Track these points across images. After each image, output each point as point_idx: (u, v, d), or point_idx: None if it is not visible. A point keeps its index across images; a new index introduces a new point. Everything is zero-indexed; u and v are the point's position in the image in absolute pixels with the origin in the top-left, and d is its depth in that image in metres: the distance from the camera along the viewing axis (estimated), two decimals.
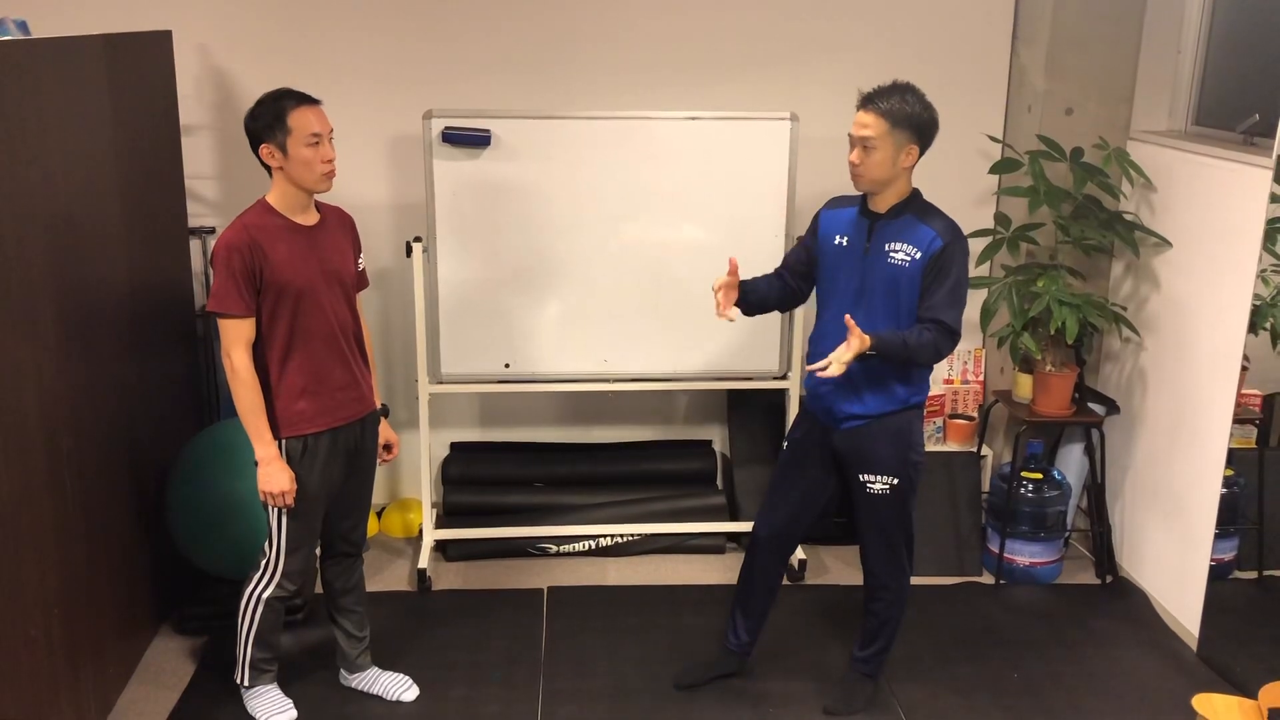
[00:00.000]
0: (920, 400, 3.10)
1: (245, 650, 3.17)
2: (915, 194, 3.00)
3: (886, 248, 2.96)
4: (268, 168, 2.92)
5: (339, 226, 3.07)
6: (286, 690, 3.30)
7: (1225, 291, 3.58)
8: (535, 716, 3.28)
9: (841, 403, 3.08)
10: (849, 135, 2.94)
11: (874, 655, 3.33)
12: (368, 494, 3.26)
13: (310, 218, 2.98)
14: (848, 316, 2.89)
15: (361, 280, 3.17)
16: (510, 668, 3.52)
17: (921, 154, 2.95)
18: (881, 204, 2.99)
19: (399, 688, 3.36)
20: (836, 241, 3.08)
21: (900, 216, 2.97)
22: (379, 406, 3.24)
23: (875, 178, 2.93)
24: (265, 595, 3.09)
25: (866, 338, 2.85)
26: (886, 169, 2.91)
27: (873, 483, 3.10)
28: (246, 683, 3.21)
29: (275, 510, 3.00)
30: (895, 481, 3.09)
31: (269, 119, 2.85)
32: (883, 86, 2.91)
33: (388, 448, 3.31)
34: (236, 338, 2.87)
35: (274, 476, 2.93)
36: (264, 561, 3.08)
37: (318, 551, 3.25)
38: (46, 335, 2.85)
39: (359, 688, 3.37)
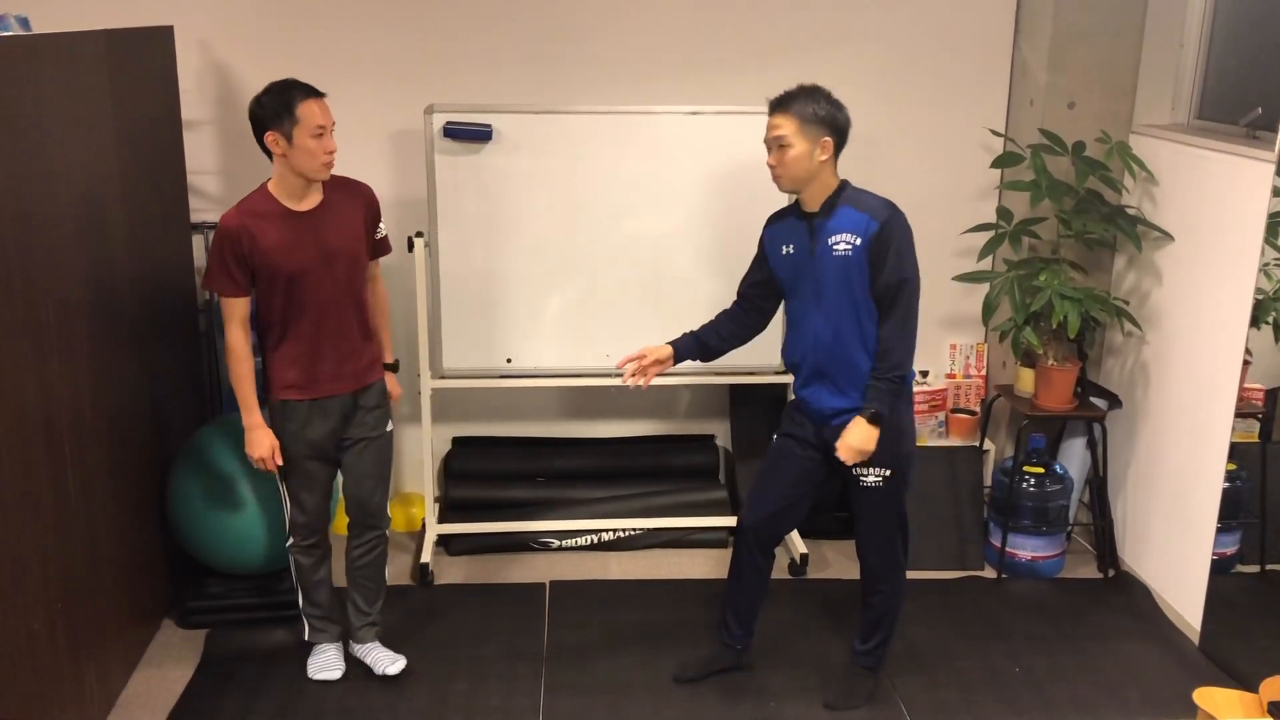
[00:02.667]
0: (906, 389, 3.11)
1: (300, 603, 3.40)
2: (844, 184, 3.04)
3: (830, 242, 3.00)
4: (268, 153, 2.98)
5: (348, 200, 3.13)
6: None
7: (1227, 286, 3.58)
8: (537, 710, 3.29)
9: (828, 400, 3.10)
10: (764, 141, 3.00)
11: (875, 648, 3.33)
12: (372, 462, 3.29)
13: (308, 202, 3.06)
14: (839, 447, 3.00)
15: (382, 246, 3.28)
16: (512, 662, 3.53)
17: (839, 149, 3.00)
18: (813, 202, 3.03)
19: (385, 662, 3.39)
20: (784, 252, 3.12)
21: (835, 209, 3.01)
22: (390, 361, 3.38)
23: (795, 175, 2.99)
24: (288, 546, 3.33)
25: (867, 431, 2.96)
26: (804, 164, 2.96)
27: (866, 475, 3.11)
28: (307, 638, 3.44)
29: (278, 474, 3.23)
30: (889, 473, 3.10)
31: (276, 107, 2.92)
32: (789, 91, 2.98)
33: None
34: (230, 314, 3.10)
35: (257, 442, 3.15)
36: (285, 520, 3.31)
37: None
38: (48, 330, 2.85)
39: (354, 654, 3.46)
